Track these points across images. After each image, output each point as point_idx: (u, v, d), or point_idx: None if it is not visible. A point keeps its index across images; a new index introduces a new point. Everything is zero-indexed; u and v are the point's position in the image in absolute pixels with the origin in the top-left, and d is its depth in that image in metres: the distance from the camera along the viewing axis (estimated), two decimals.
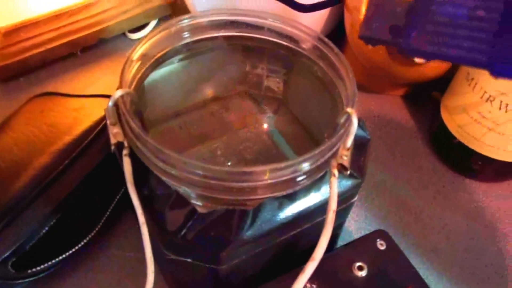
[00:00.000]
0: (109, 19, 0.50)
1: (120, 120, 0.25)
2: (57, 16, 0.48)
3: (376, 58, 0.41)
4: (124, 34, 0.53)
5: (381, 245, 0.30)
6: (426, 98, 0.49)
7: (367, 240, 0.31)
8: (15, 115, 0.40)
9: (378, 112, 0.48)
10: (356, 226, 0.39)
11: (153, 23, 0.54)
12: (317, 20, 0.48)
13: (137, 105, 0.28)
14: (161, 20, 0.55)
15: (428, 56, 0.18)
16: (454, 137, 0.41)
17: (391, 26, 0.17)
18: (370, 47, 0.42)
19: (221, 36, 0.31)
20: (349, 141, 0.23)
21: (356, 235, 0.38)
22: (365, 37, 0.19)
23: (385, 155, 0.45)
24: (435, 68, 0.42)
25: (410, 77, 0.43)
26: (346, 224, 0.39)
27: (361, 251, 0.30)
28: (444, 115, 0.42)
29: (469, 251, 0.38)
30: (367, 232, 0.39)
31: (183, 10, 0.55)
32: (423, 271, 0.37)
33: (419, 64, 0.40)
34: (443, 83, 0.45)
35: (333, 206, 0.22)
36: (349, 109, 0.23)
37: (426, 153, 0.45)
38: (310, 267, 0.21)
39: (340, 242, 0.36)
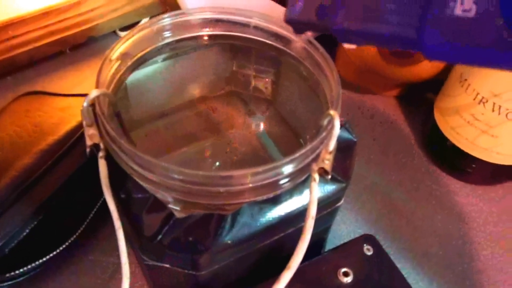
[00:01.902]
0: (98, 17, 0.50)
1: (96, 121, 0.24)
2: (45, 13, 0.47)
3: (368, 58, 0.40)
4: (114, 32, 0.53)
5: (368, 250, 0.30)
6: (420, 99, 0.48)
7: (354, 245, 0.30)
8: (0, 114, 0.39)
9: (371, 113, 0.48)
10: (346, 230, 0.38)
11: (144, 21, 0.54)
12: None
13: (118, 105, 0.27)
14: (152, 18, 0.54)
15: (358, 38, 0.16)
16: (447, 139, 0.40)
17: (318, 6, 0.16)
18: (363, 47, 0.41)
19: (206, 35, 0.30)
20: (332, 144, 0.23)
21: (346, 239, 0.37)
22: (292, 21, 0.17)
23: (377, 156, 0.44)
24: (427, 68, 0.41)
25: (402, 77, 0.42)
26: (336, 227, 0.38)
27: (347, 256, 0.29)
28: (437, 117, 0.41)
29: (461, 256, 0.37)
30: (357, 235, 0.38)
31: (177, 7, 0.54)
32: (414, 276, 0.36)
33: (411, 64, 0.39)
34: (437, 85, 0.44)
35: (312, 212, 0.21)
36: (331, 111, 0.23)
37: (419, 155, 0.44)
38: (286, 277, 0.20)
39: (330, 246, 0.36)
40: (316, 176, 0.22)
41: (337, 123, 0.22)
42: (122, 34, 0.52)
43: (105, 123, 0.23)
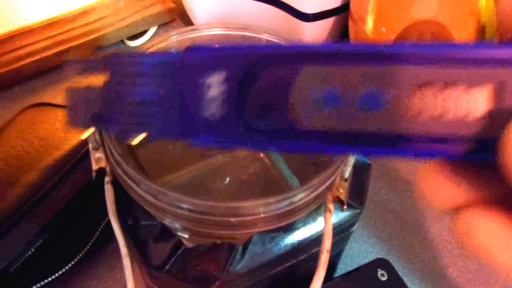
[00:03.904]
0: (106, 27, 0.49)
1: (103, 144, 0.23)
2: (52, 23, 0.47)
3: None
4: (122, 41, 0.52)
5: (382, 275, 0.29)
6: None
7: (367, 270, 0.29)
8: (6, 127, 0.39)
9: None
10: (358, 249, 0.37)
11: (152, 30, 0.53)
12: (320, 30, 0.46)
13: None
14: (161, 26, 0.54)
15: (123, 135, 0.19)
16: None
17: (93, 114, 0.17)
18: None
19: None
20: (347, 172, 0.22)
21: (358, 259, 0.37)
22: (74, 126, 0.18)
23: (389, 173, 0.43)
24: None
25: None
26: (347, 246, 0.37)
27: (360, 282, 0.28)
28: None
29: (478, 277, 0.36)
30: (370, 255, 0.37)
31: (186, 16, 0.53)
32: None
33: None
34: None
35: (327, 245, 0.20)
36: None
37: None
38: None
39: (341, 266, 0.35)
40: (331, 206, 0.21)
41: None
42: (130, 43, 0.52)
43: (111, 147, 0.22)
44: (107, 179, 0.23)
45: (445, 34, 0.36)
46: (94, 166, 0.23)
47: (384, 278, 0.28)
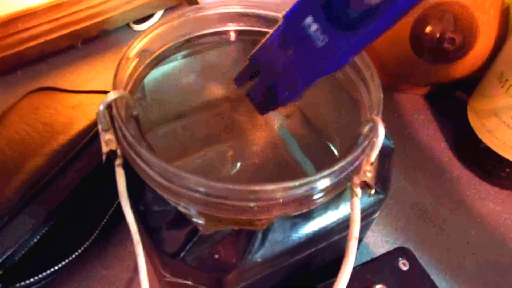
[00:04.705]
0: (112, 9, 0.47)
1: (113, 125, 0.22)
2: (56, 5, 0.45)
3: (402, 57, 0.38)
4: (128, 25, 0.50)
5: (403, 264, 0.27)
6: (449, 98, 0.46)
7: (388, 259, 0.28)
8: (9, 112, 0.37)
9: (396, 113, 0.45)
10: (374, 239, 0.36)
11: (159, 13, 0.51)
12: None
13: (134, 108, 0.25)
14: (167, 10, 0.52)
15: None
16: (481, 142, 0.37)
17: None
18: (396, 44, 0.39)
19: (229, 30, 0.28)
20: (374, 155, 0.20)
21: (374, 249, 0.35)
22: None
23: (404, 160, 0.41)
24: (463, 67, 0.39)
25: (436, 77, 0.40)
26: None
27: (381, 272, 0.27)
28: (471, 118, 0.38)
29: (496, 267, 0.35)
30: (386, 245, 0.36)
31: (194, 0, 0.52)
32: None
33: (447, 62, 0.36)
34: (467, 82, 0.41)
35: (355, 232, 0.19)
36: (374, 117, 0.20)
37: (449, 158, 0.42)
38: None
39: (358, 256, 0.33)
40: (358, 190, 0.20)
41: (381, 130, 0.20)
42: (136, 27, 0.50)
43: (123, 128, 0.20)
44: (117, 161, 0.22)
45: (467, 16, 0.35)
46: (104, 149, 0.22)
47: (405, 268, 0.27)
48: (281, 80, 0.22)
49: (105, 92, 0.38)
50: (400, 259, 0.27)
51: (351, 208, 0.19)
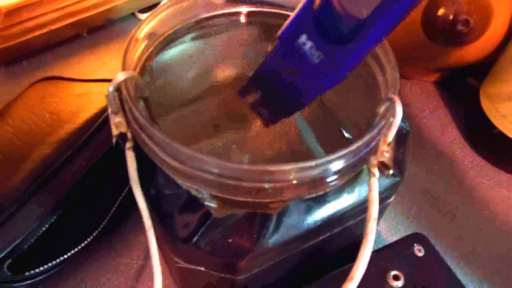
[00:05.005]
0: None
1: (123, 108, 0.21)
2: None
3: (414, 41, 0.37)
4: (133, 14, 0.50)
5: (418, 250, 0.27)
6: (461, 85, 0.45)
7: (403, 245, 0.27)
8: (15, 101, 0.37)
9: (407, 100, 0.44)
10: (386, 226, 0.35)
11: (164, 2, 0.51)
12: None
13: (143, 90, 0.24)
14: None
15: None
16: (494, 127, 0.37)
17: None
18: (405, 28, 0.38)
19: (239, 12, 0.27)
20: (391, 134, 0.20)
21: (386, 236, 0.35)
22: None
23: (415, 147, 0.41)
24: (476, 51, 0.38)
25: (449, 62, 0.39)
26: None
27: (396, 258, 0.26)
28: (484, 103, 0.38)
29: (507, 255, 0.34)
30: (398, 232, 0.35)
31: None
32: (461, 277, 0.33)
33: (460, 46, 0.36)
34: (478, 68, 0.41)
35: (374, 213, 0.18)
36: (392, 96, 0.20)
37: (461, 145, 0.41)
38: None
39: None
40: (376, 171, 0.19)
41: (399, 110, 0.19)
42: (141, 16, 0.50)
43: (134, 109, 0.20)
44: (128, 145, 0.21)
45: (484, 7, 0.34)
46: (114, 131, 0.21)
47: (421, 254, 0.27)
48: (284, 95, 0.22)
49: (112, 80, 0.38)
50: (415, 245, 0.27)
51: (369, 188, 0.19)
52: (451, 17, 0.35)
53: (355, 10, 0.18)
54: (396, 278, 0.25)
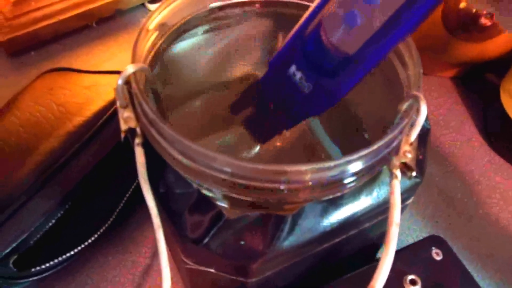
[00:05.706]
0: None
1: (132, 102, 0.21)
2: None
3: (433, 34, 0.36)
4: (143, 4, 0.49)
5: (436, 254, 0.26)
6: (480, 81, 0.44)
7: (420, 248, 0.26)
8: (23, 93, 0.36)
9: (424, 96, 0.43)
10: (401, 227, 0.34)
11: None
12: None
13: (153, 83, 0.23)
14: None
15: None
16: None
17: None
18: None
19: (253, 2, 0.26)
20: (414, 134, 0.19)
21: (402, 238, 0.34)
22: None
23: (433, 145, 0.39)
24: (496, 46, 0.36)
25: (468, 56, 0.38)
26: None
27: (413, 262, 0.25)
28: (504, 100, 0.36)
29: None
30: (414, 233, 0.34)
31: None
32: (478, 280, 0.32)
33: (480, 41, 0.34)
34: (497, 64, 0.39)
35: (396, 218, 0.17)
36: (415, 93, 0.19)
37: (480, 143, 0.40)
38: None
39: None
40: (398, 173, 0.18)
41: (423, 108, 0.18)
42: (151, 6, 0.49)
43: (144, 103, 0.19)
44: (137, 140, 0.20)
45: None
46: (123, 127, 0.20)
47: (439, 258, 0.26)
48: (276, 114, 0.22)
49: (121, 73, 0.37)
50: (433, 248, 0.26)
51: (391, 191, 0.18)
52: (473, 10, 0.33)
53: (344, 46, 0.18)
54: (413, 282, 0.24)
